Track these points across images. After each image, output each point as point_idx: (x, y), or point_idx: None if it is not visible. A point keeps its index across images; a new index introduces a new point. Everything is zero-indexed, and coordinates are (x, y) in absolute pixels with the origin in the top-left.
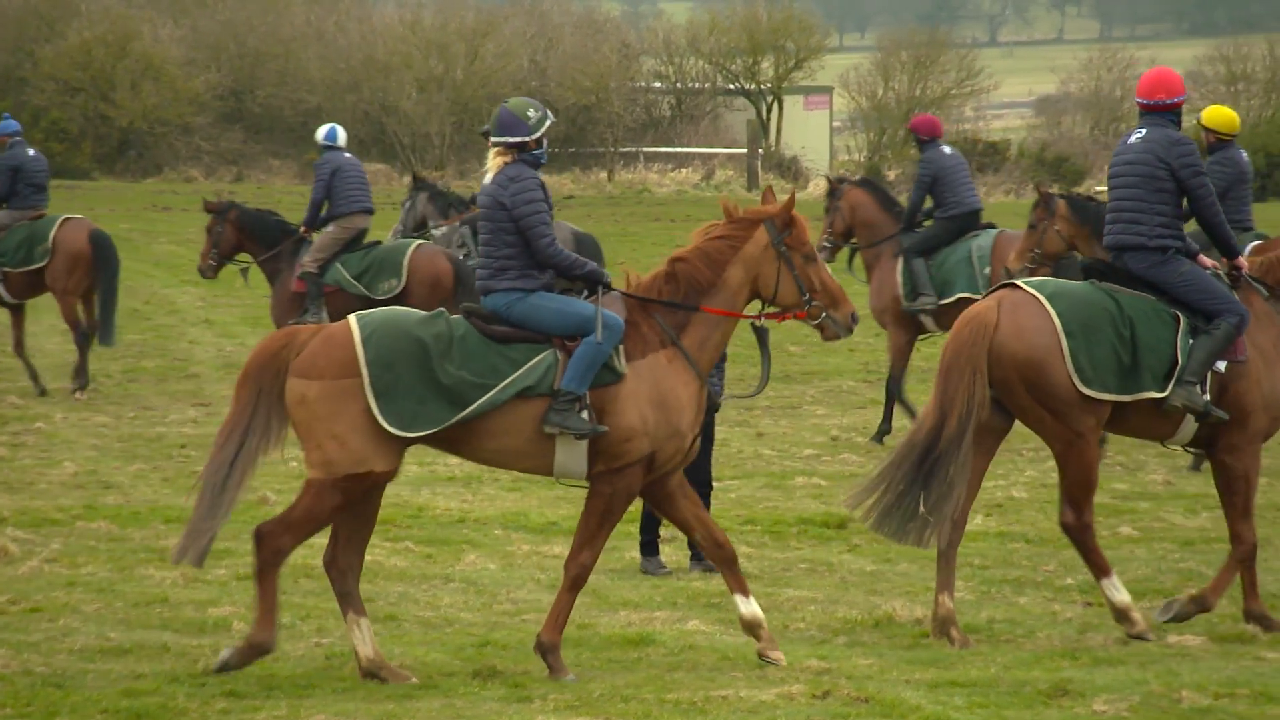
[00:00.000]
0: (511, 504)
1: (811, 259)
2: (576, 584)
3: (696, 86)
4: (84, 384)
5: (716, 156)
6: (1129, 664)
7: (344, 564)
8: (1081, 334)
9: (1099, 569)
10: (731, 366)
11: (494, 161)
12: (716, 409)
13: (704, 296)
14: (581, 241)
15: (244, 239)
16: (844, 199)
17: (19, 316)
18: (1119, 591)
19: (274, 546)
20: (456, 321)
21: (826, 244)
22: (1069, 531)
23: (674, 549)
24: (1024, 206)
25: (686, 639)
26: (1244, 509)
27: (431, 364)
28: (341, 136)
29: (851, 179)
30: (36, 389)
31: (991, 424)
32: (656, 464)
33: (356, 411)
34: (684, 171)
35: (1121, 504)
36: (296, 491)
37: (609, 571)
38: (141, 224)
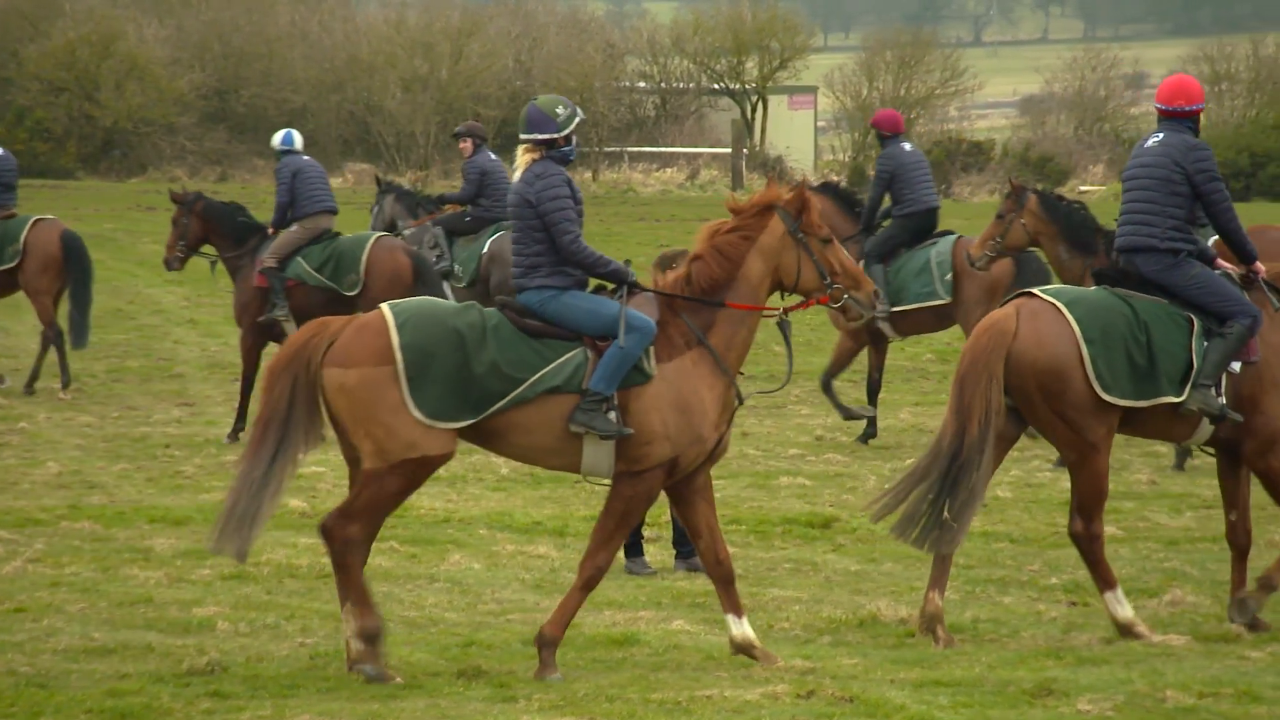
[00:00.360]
0: (496, 504)
1: (828, 241)
2: (589, 584)
3: (681, 86)
4: (66, 382)
5: (701, 156)
6: (1113, 663)
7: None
8: (1101, 340)
9: (1104, 581)
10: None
11: (522, 159)
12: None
13: (726, 292)
14: None
15: (209, 231)
16: None
17: None
18: (1122, 606)
19: (341, 537)
20: (490, 313)
21: None
22: (1077, 541)
23: (659, 549)
24: None
25: (671, 639)
26: None
27: (467, 352)
28: (298, 140)
29: (812, 184)
30: (25, 389)
31: (1005, 432)
32: (679, 467)
33: (396, 398)
34: (669, 171)
35: (1106, 503)
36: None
37: None
38: (126, 224)
